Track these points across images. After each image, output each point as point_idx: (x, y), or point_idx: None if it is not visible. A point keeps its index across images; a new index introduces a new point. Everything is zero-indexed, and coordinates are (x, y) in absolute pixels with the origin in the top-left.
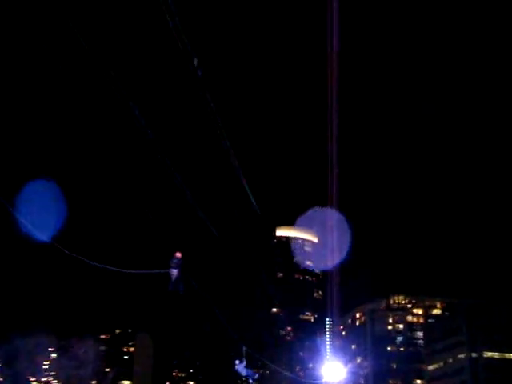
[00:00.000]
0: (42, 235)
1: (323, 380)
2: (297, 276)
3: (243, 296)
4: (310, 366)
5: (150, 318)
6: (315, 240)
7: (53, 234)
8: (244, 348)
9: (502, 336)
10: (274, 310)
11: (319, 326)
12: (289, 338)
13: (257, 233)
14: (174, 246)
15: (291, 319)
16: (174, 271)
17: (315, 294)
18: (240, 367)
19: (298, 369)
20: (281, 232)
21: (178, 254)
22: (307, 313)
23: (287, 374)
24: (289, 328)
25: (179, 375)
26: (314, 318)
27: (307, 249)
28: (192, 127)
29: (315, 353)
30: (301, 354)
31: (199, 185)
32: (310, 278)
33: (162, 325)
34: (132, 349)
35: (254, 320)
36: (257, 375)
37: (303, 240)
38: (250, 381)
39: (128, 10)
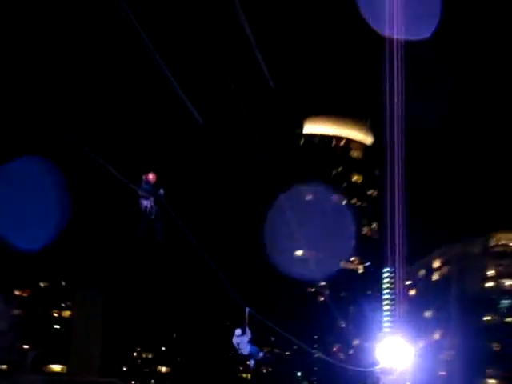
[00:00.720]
0: None
1: (378, 367)
2: (335, 199)
3: (248, 232)
4: (356, 343)
5: (99, 264)
6: (368, 140)
7: None
8: (247, 310)
9: None
10: (299, 252)
11: (371, 280)
12: (322, 298)
13: (271, 126)
14: (144, 164)
15: (325, 268)
16: (145, 203)
17: (365, 230)
18: (240, 341)
19: (336, 348)
20: (312, 127)
21: (151, 177)
22: (353, 259)
23: (318, 355)
24: (322, 283)
25: (144, 356)
26: (364, 267)
27: (356, 154)
28: None
29: (364, 324)
30: (341, 324)
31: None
32: (357, 203)
33: (120, 276)
34: (68, 313)
35: (265, 269)
36: (261, 353)
37: (348, 141)
38: (251, 362)
39: None
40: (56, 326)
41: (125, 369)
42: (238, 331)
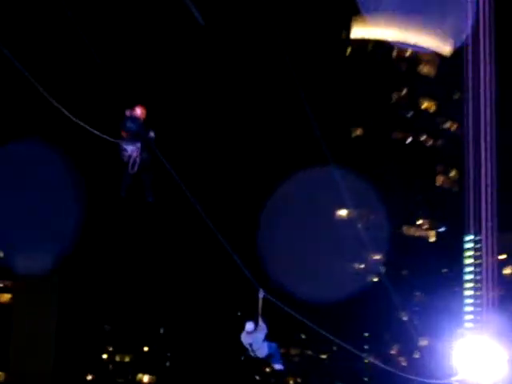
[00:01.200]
0: None
1: (455, 378)
2: (395, 136)
3: (267, 184)
4: (424, 344)
5: (53, 230)
6: (445, 50)
7: None
8: (261, 294)
9: None
10: (342, 212)
11: (447, 253)
12: (375, 279)
13: (301, 30)
14: (130, 95)
15: (381, 235)
16: (130, 150)
17: (439, 180)
18: (253, 339)
19: (394, 351)
20: (364, 30)
21: (139, 111)
22: (420, 222)
23: (369, 359)
24: (375, 256)
25: (118, 360)
26: (437, 234)
27: (426, 70)
28: None
29: (436, 316)
30: (403, 316)
31: None
32: (428, 141)
33: (85, 247)
34: (7, 297)
35: (288, 236)
36: (279, 366)
37: (416, 51)
38: (277, 366)
39: None
40: None
41: (90, 378)
42: (249, 326)
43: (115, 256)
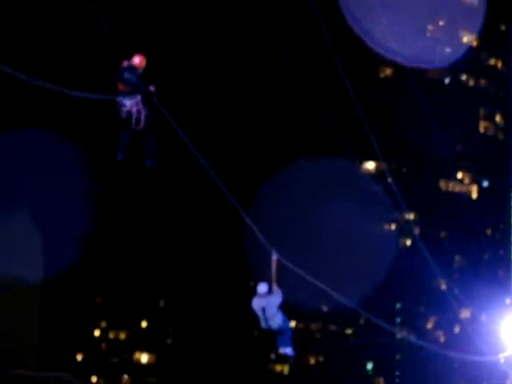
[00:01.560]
0: None
1: (503, 355)
2: (432, 75)
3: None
4: (466, 317)
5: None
6: None
7: None
8: (274, 256)
9: None
10: (369, 165)
11: (492, 211)
12: (408, 241)
13: None
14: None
15: (414, 189)
16: (128, 104)
17: (482, 125)
18: (267, 304)
19: (431, 324)
20: None
21: (138, 60)
22: (460, 175)
23: (402, 334)
24: (408, 213)
25: (112, 337)
26: (479, 189)
27: None
28: None
29: (479, 284)
30: (441, 285)
31: None
32: (469, 81)
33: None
34: None
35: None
36: (289, 351)
37: None
38: (286, 350)
39: None
40: None
41: (80, 358)
42: (262, 287)
43: (109, 219)
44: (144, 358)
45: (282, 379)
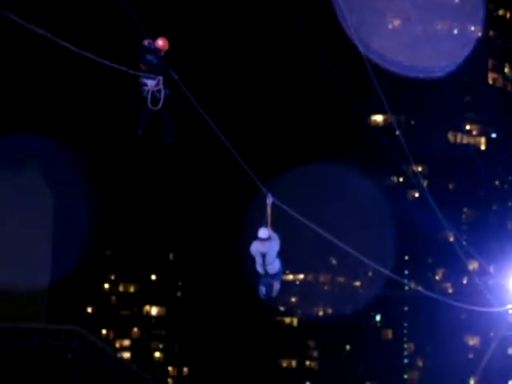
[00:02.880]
0: None
1: None
2: (441, 26)
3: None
4: (474, 268)
5: None
6: None
7: None
8: (270, 198)
9: None
10: (377, 117)
11: (501, 162)
12: (416, 194)
13: None
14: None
15: (422, 141)
16: (150, 84)
17: (491, 77)
18: (268, 249)
19: (439, 276)
20: None
21: (161, 43)
22: (469, 127)
23: (411, 286)
24: (416, 167)
25: (121, 290)
26: (488, 140)
27: None
28: None
29: (488, 235)
30: (449, 236)
31: None
32: (477, 32)
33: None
34: None
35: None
36: (278, 285)
37: None
38: (263, 289)
39: None
40: None
41: (90, 310)
42: (263, 232)
43: (118, 174)
44: (154, 310)
45: (291, 331)
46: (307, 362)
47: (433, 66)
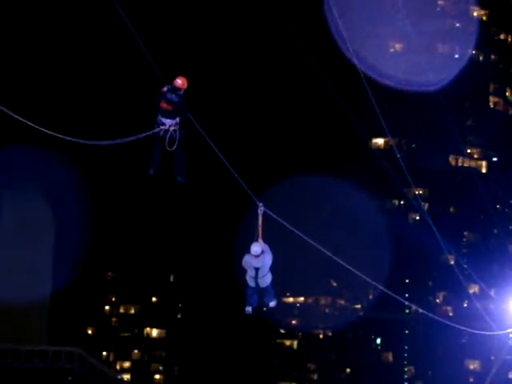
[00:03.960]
0: None
1: None
2: (443, 50)
3: None
4: (474, 291)
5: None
6: None
7: None
8: (261, 208)
9: None
10: (378, 141)
11: (502, 186)
12: (417, 216)
13: None
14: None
15: (423, 165)
16: (168, 123)
17: (492, 100)
18: (262, 265)
19: (440, 299)
20: None
21: (180, 82)
22: (470, 151)
23: (412, 309)
24: (417, 190)
25: (122, 311)
26: (489, 164)
27: None
28: None
29: (488, 259)
30: (449, 260)
31: None
32: (479, 56)
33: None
34: None
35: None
36: (275, 304)
37: None
38: (248, 309)
39: None
40: None
41: (90, 332)
42: (256, 247)
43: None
44: (154, 332)
45: (290, 353)
46: None
47: (435, 90)
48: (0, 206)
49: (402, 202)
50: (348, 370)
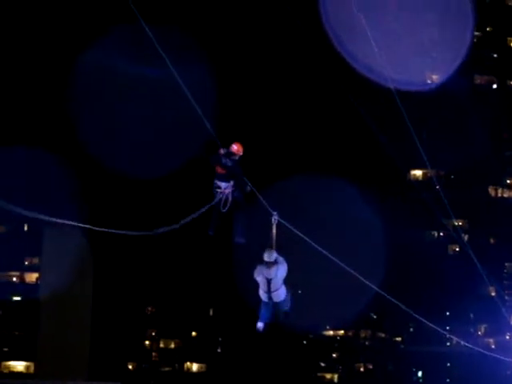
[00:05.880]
0: None
1: None
2: (480, 81)
3: None
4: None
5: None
6: None
7: None
8: (275, 217)
9: None
10: (417, 172)
11: None
12: (456, 248)
13: None
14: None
15: (463, 197)
16: (224, 186)
17: None
18: (273, 273)
19: (481, 331)
20: None
21: (236, 148)
22: (510, 182)
23: (453, 341)
24: (457, 221)
25: (162, 346)
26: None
27: None
28: None
29: None
30: (490, 291)
31: None
32: None
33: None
34: (34, 277)
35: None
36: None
37: None
38: (260, 325)
39: None
40: (15, 298)
41: (130, 367)
42: (270, 255)
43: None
44: (194, 367)
45: None
46: None
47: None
48: (41, 241)
49: (441, 234)
50: None
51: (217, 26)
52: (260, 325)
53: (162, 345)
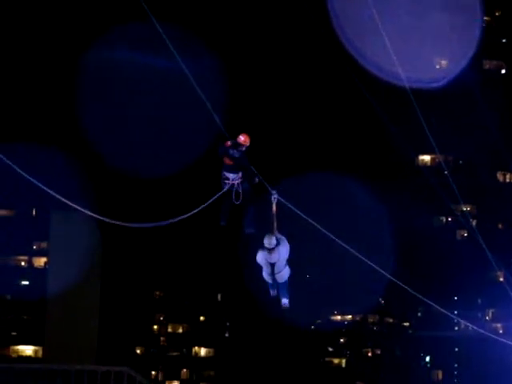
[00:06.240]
0: None
1: None
2: (489, 66)
3: None
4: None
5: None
6: None
7: None
8: (275, 196)
9: None
10: (425, 157)
11: None
12: (464, 233)
13: None
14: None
15: (471, 182)
16: (232, 177)
17: None
18: (276, 257)
19: (489, 316)
20: None
21: (243, 138)
22: None
23: (461, 326)
24: (464, 206)
25: (170, 330)
26: None
27: None
28: None
29: None
30: (499, 277)
31: None
32: None
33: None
34: (42, 261)
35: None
36: (287, 303)
37: None
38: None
39: None
40: (24, 282)
41: (139, 351)
42: (270, 240)
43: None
44: (202, 351)
45: (339, 372)
46: None
47: (482, 105)
48: (49, 226)
49: (449, 219)
50: None
51: (227, 20)
52: (285, 301)
53: (170, 329)
